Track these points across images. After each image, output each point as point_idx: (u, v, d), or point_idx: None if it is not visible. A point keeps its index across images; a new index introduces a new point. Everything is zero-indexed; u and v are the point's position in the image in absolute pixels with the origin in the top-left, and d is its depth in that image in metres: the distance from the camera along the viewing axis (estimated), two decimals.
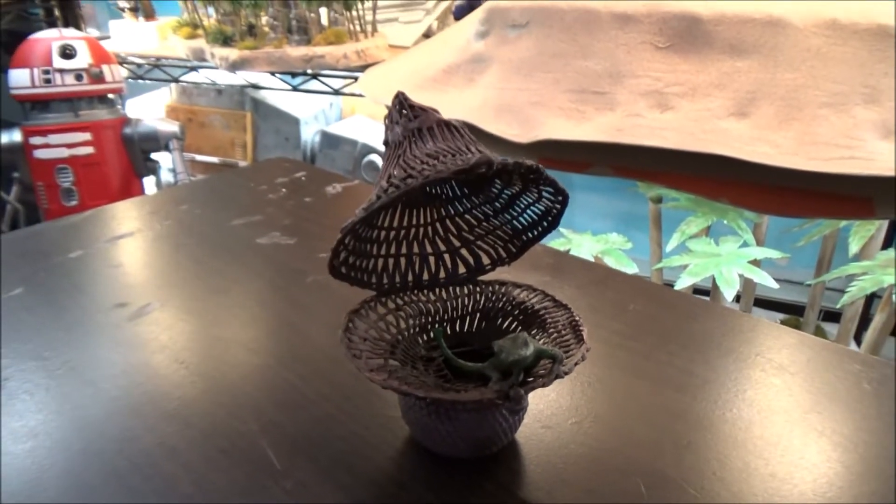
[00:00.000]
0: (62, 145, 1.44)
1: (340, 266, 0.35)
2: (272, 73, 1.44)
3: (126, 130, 1.53)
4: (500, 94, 0.90)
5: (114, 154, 1.51)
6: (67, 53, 1.41)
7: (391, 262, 0.38)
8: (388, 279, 0.39)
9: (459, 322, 0.40)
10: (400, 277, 0.39)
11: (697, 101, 0.78)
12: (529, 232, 0.38)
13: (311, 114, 1.77)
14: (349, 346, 0.33)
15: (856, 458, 0.36)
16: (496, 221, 0.39)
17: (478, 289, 0.40)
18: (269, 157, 0.96)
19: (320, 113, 1.82)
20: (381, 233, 0.37)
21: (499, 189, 0.37)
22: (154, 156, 1.61)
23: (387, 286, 0.39)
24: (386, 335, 0.36)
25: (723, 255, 1.25)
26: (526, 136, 0.84)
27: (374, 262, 0.38)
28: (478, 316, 0.40)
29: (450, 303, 0.40)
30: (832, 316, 1.65)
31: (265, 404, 0.40)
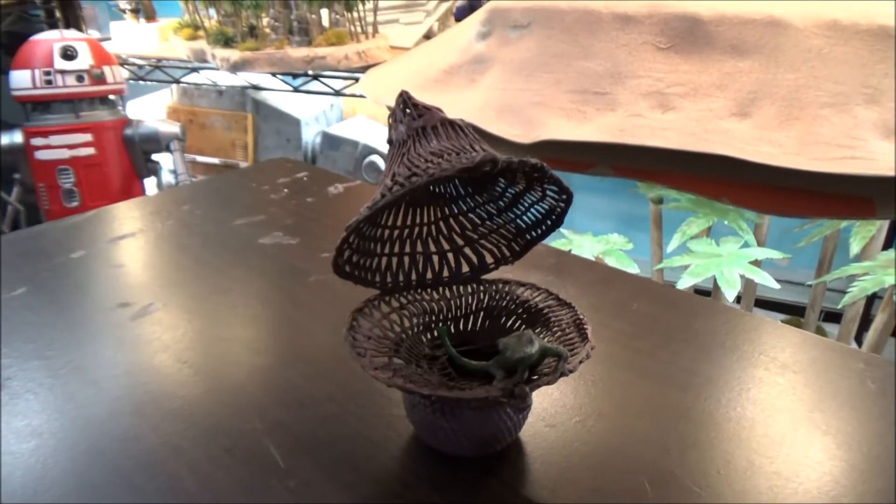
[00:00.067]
0: (63, 146, 1.44)
1: (344, 265, 0.35)
2: (273, 74, 1.44)
3: (127, 131, 1.54)
4: (502, 95, 0.90)
5: (115, 155, 1.51)
6: (69, 54, 1.41)
7: (395, 260, 0.38)
8: (391, 278, 0.39)
9: (463, 321, 0.40)
10: (403, 276, 0.39)
11: (699, 102, 0.78)
12: (533, 231, 0.38)
13: (311, 115, 1.77)
14: (353, 344, 0.33)
15: (860, 456, 0.36)
16: (500, 220, 0.39)
17: (481, 287, 0.40)
18: (271, 158, 0.96)
19: (321, 114, 1.82)
20: (384, 231, 0.37)
21: (502, 188, 0.37)
22: (155, 157, 1.61)
23: (390, 285, 0.39)
24: (390, 334, 0.36)
25: (724, 256, 1.25)
26: (527, 137, 0.84)
27: (378, 260, 0.38)
28: (481, 314, 0.40)
29: (453, 301, 0.40)
30: (833, 317, 1.65)
31: (269, 403, 0.40)
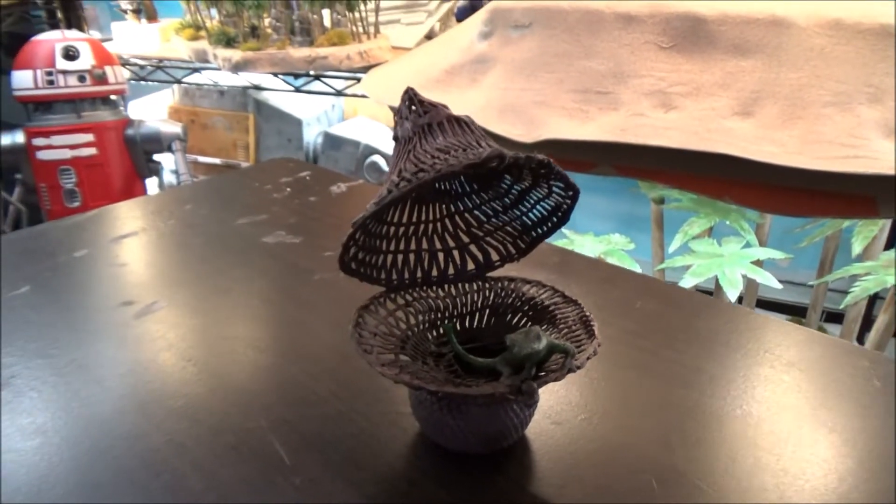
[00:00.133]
0: (65, 146, 1.44)
1: (350, 262, 0.35)
2: (275, 75, 1.44)
3: (129, 132, 1.54)
4: (504, 95, 0.90)
5: (116, 155, 1.51)
6: (70, 55, 1.41)
7: (400, 258, 0.38)
8: (397, 275, 0.39)
9: (469, 318, 0.40)
10: (409, 273, 0.39)
11: (701, 101, 0.78)
12: (539, 228, 0.38)
13: (313, 115, 1.77)
14: (360, 341, 0.33)
15: (866, 454, 0.36)
16: (505, 217, 0.39)
17: (487, 285, 0.40)
18: (273, 158, 0.96)
19: (322, 114, 1.82)
20: (390, 229, 0.37)
21: (508, 185, 0.37)
22: (156, 157, 1.61)
23: (396, 282, 0.39)
24: (396, 331, 0.36)
25: (726, 256, 1.25)
26: (530, 136, 0.84)
27: (384, 257, 0.38)
28: (487, 312, 0.40)
29: (459, 299, 0.39)
30: (834, 317, 1.64)
31: (274, 401, 0.40)
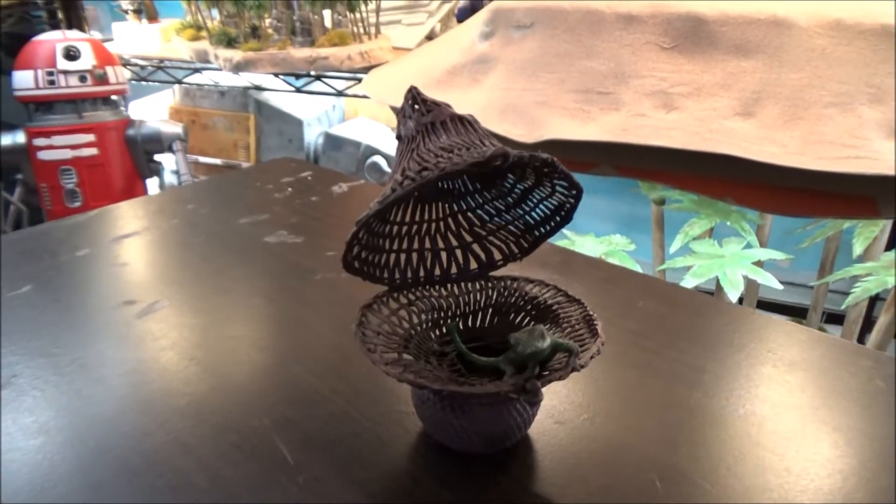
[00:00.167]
0: (66, 146, 1.44)
1: (353, 261, 0.35)
2: (276, 75, 1.44)
3: (129, 132, 1.54)
4: (505, 95, 0.91)
5: (117, 155, 1.51)
6: (71, 55, 1.41)
7: (403, 257, 0.38)
8: (399, 274, 0.39)
9: (472, 317, 0.40)
10: (412, 273, 0.39)
11: (703, 101, 0.78)
12: (542, 227, 0.38)
13: (314, 115, 1.78)
14: (363, 340, 0.33)
15: (870, 453, 0.35)
16: (508, 217, 0.39)
17: (490, 284, 0.40)
18: (274, 158, 0.96)
19: (323, 115, 1.82)
20: (393, 228, 0.37)
21: (511, 184, 0.37)
22: (157, 157, 1.61)
23: (399, 281, 0.39)
24: (399, 330, 0.36)
25: (726, 257, 1.25)
26: (531, 137, 0.84)
27: (387, 256, 0.38)
28: (490, 311, 0.40)
29: (462, 298, 0.39)
30: (835, 318, 1.65)
31: (277, 400, 0.40)
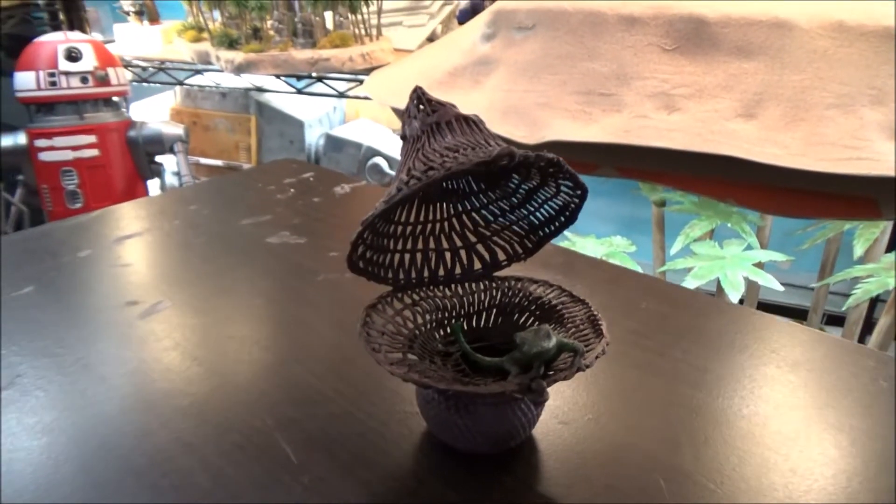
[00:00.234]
0: (67, 148, 1.44)
1: (358, 261, 0.35)
2: (277, 76, 1.44)
3: (131, 133, 1.54)
4: (507, 96, 0.91)
5: (118, 157, 1.51)
6: (73, 56, 1.41)
7: (407, 257, 0.38)
8: (404, 274, 0.39)
9: (476, 317, 0.40)
10: (416, 273, 0.39)
11: (704, 103, 0.79)
12: (546, 227, 0.38)
13: (315, 117, 1.78)
14: (368, 340, 0.33)
15: (874, 453, 0.35)
16: (512, 217, 0.39)
17: (494, 284, 0.40)
18: (276, 159, 0.96)
19: (324, 116, 1.82)
20: (397, 228, 0.37)
21: (516, 184, 0.37)
22: (158, 159, 1.61)
23: (403, 281, 0.39)
24: (403, 330, 0.36)
25: (727, 258, 1.25)
26: (533, 138, 0.84)
27: (391, 257, 0.38)
28: (494, 311, 0.40)
29: (466, 298, 0.39)
30: (835, 320, 1.65)
31: (280, 401, 0.40)
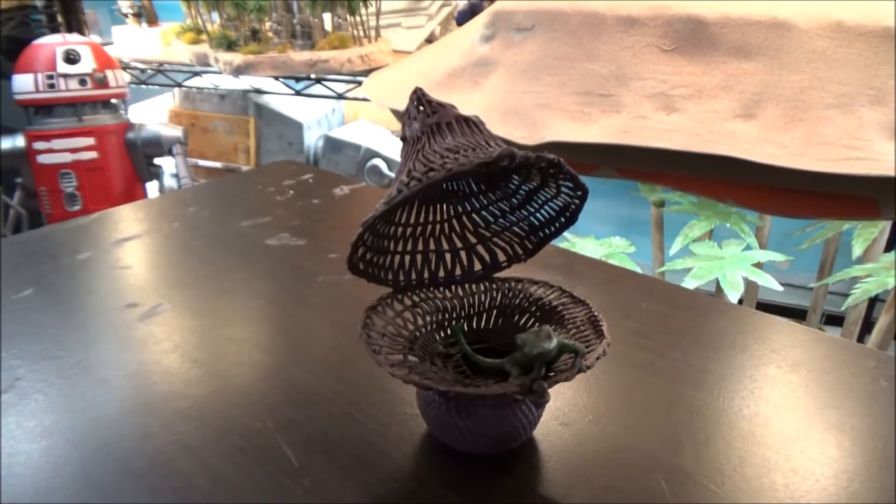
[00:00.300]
0: (65, 150, 1.43)
1: (358, 262, 0.35)
2: (276, 78, 1.44)
3: (129, 135, 1.54)
4: (506, 97, 0.91)
5: (117, 159, 1.51)
6: (72, 58, 1.41)
7: (407, 258, 0.38)
8: (404, 276, 0.39)
9: (476, 319, 0.40)
10: (416, 274, 0.39)
11: (703, 103, 0.79)
12: (546, 228, 0.38)
13: (314, 118, 1.78)
14: (368, 341, 0.33)
15: (875, 453, 0.35)
16: (513, 218, 0.39)
17: (494, 285, 0.40)
18: (275, 161, 0.96)
19: (323, 118, 1.82)
20: (397, 229, 0.37)
21: (516, 185, 0.37)
22: (157, 161, 1.61)
23: (403, 283, 0.39)
24: (404, 332, 0.36)
25: (726, 259, 1.25)
26: (532, 139, 0.84)
27: (391, 258, 0.38)
28: (495, 312, 0.40)
29: (466, 300, 0.39)
30: (834, 320, 1.65)
31: (280, 403, 0.40)
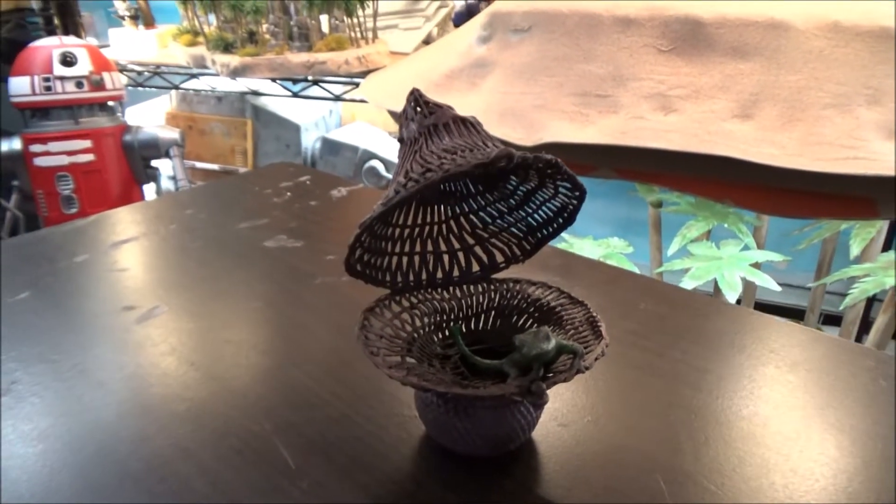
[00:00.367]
0: (62, 153, 1.43)
1: (356, 263, 0.35)
2: (273, 80, 1.44)
3: (126, 138, 1.53)
4: (504, 98, 0.91)
5: (114, 161, 1.51)
6: (68, 61, 1.41)
7: (405, 260, 0.38)
8: (401, 277, 0.38)
9: (474, 320, 0.40)
10: (414, 275, 0.39)
11: (701, 104, 0.79)
12: (544, 229, 0.38)
13: (311, 120, 1.77)
14: (366, 343, 0.33)
15: (875, 453, 0.35)
16: (510, 219, 0.39)
17: (492, 286, 0.40)
18: (273, 163, 0.95)
19: (321, 120, 1.82)
20: (395, 230, 0.37)
21: (514, 185, 0.37)
22: (154, 163, 1.61)
23: (401, 284, 0.39)
24: (402, 333, 0.36)
25: (724, 259, 1.25)
26: (530, 140, 0.84)
27: (389, 259, 0.38)
28: (493, 314, 0.40)
29: (464, 301, 0.39)
30: (831, 320, 1.65)
31: (278, 405, 0.39)
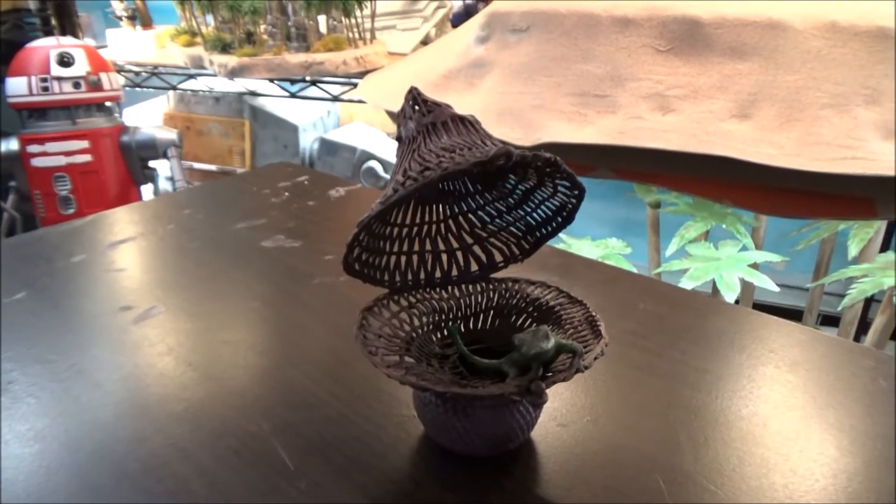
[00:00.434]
0: (60, 153, 1.42)
1: (354, 263, 0.35)
2: (271, 80, 1.44)
3: (124, 138, 1.53)
4: (502, 99, 0.91)
5: (111, 162, 1.50)
6: (65, 61, 1.41)
7: (403, 259, 0.38)
8: (400, 277, 0.38)
9: (473, 319, 0.39)
10: (412, 275, 0.39)
11: (699, 104, 0.79)
12: (543, 228, 0.38)
13: (309, 121, 1.77)
14: (364, 343, 0.33)
15: (875, 453, 0.35)
16: (509, 218, 0.39)
17: (491, 286, 0.40)
18: (271, 163, 0.95)
19: (318, 120, 1.82)
20: (393, 230, 0.37)
21: (513, 184, 0.37)
22: (152, 164, 1.60)
23: (399, 284, 0.38)
24: (400, 332, 0.36)
25: (722, 260, 1.25)
26: (528, 140, 0.84)
27: (387, 259, 0.37)
28: (491, 313, 0.39)
29: (463, 300, 0.39)
30: (830, 320, 1.65)
31: (276, 405, 0.39)
